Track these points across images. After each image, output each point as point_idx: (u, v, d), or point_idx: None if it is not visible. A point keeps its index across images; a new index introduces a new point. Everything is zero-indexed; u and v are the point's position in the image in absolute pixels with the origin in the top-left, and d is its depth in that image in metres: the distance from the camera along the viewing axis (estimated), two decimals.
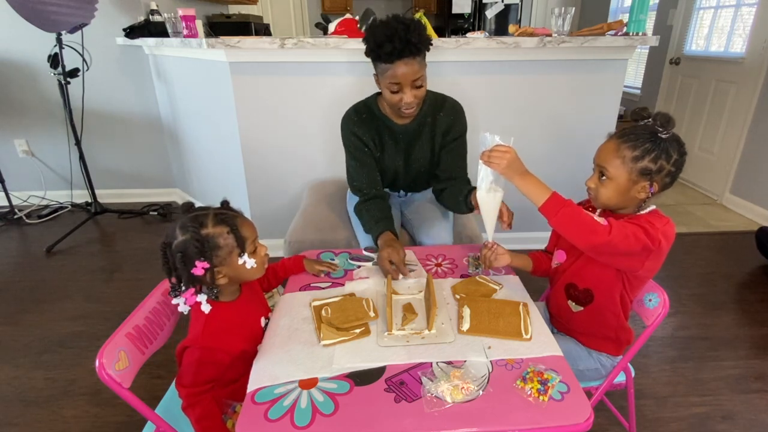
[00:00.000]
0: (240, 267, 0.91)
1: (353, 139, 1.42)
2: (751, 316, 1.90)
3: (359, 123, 1.42)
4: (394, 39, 1.17)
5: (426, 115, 1.42)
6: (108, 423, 1.40)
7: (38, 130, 2.93)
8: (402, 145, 1.45)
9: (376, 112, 1.42)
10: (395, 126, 1.42)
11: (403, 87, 1.24)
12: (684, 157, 0.93)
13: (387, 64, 1.22)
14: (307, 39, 1.85)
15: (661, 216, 0.97)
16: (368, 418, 0.75)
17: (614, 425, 1.36)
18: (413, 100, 1.27)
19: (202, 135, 2.52)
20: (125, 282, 2.17)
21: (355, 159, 1.45)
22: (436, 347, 0.90)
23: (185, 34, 2.15)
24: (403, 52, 1.18)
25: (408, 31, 1.17)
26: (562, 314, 1.13)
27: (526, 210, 2.47)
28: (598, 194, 0.99)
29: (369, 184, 1.44)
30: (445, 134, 1.43)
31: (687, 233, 2.65)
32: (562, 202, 0.93)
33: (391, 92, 1.27)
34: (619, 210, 1.02)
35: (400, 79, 1.22)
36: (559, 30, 1.95)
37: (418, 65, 1.23)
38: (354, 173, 1.47)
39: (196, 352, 0.86)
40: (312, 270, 1.19)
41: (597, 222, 0.90)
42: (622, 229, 0.89)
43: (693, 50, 3.42)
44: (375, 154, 1.46)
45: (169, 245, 0.86)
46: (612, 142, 0.96)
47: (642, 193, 0.95)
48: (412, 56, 1.20)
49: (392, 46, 1.17)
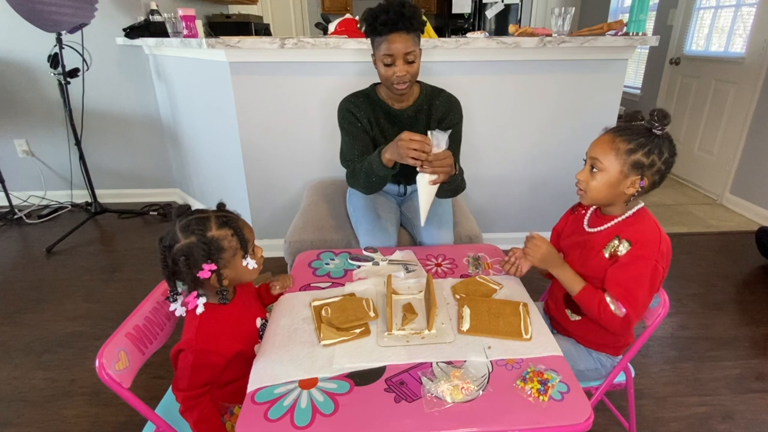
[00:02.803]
0: (241, 268, 0.91)
1: (348, 116, 1.47)
2: (751, 316, 1.90)
3: (356, 104, 1.47)
4: (390, 10, 1.25)
5: (422, 102, 1.48)
6: (108, 423, 1.40)
7: (38, 130, 2.93)
8: (398, 129, 1.45)
9: (374, 97, 1.48)
10: (392, 110, 1.47)
11: (396, 59, 1.30)
12: (674, 158, 0.94)
13: (382, 37, 1.29)
14: (307, 39, 1.85)
15: (652, 226, 0.97)
16: (368, 418, 0.75)
17: (614, 425, 1.36)
18: (405, 73, 1.32)
19: (202, 135, 2.52)
20: (125, 282, 2.17)
21: (350, 134, 1.47)
22: (436, 347, 0.90)
23: (185, 34, 2.15)
24: (397, 23, 1.25)
25: (403, 6, 1.25)
26: (560, 320, 1.14)
27: (527, 210, 2.48)
28: (588, 187, 0.99)
29: (361, 154, 1.45)
30: (440, 121, 1.49)
31: (687, 233, 2.65)
32: (593, 293, 0.98)
33: (384, 65, 1.32)
34: (607, 207, 1.02)
35: (393, 51, 1.28)
36: (559, 30, 1.95)
37: (411, 41, 1.30)
38: (346, 149, 1.50)
39: (190, 355, 0.86)
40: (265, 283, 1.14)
41: (618, 318, 0.94)
42: (638, 307, 0.93)
43: (693, 50, 3.42)
44: (370, 133, 1.49)
45: (169, 248, 0.85)
46: (607, 135, 0.97)
47: (631, 188, 0.95)
48: (406, 31, 1.28)
49: (387, 16, 1.25)
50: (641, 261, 0.93)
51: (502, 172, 2.25)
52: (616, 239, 0.97)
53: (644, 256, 0.93)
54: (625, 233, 0.97)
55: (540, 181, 2.29)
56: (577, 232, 1.09)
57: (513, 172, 2.26)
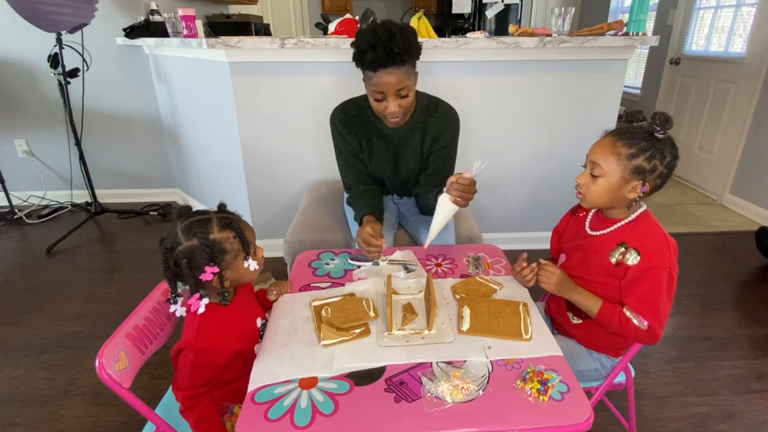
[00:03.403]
0: (243, 270, 0.91)
1: (338, 136, 1.43)
2: (751, 316, 1.90)
3: (346, 121, 1.41)
4: (377, 47, 1.13)
5: (417, 120, 1.39)
6: (108, 423, 1.40)
7: (38, 130, 2.93)
8: (391, 148, 1.44)
9: (366, 111, 1.40)
10: (385, 128, 1.40)
11: (387, 96, 1.22)
12: (676, 161, 0.92)
13: (371, 72, 1.20)
14: (307, 39, 1.85)
15: (658, 232, 0.96)
16: (368, 418, 0.75)
17: (614, 425, 1.36)
18: (398, 109, 1.24)
19: (202, 135, 2.52)
20: (125, 282, 2.17)
21: (343, 159, 1.46)
22: (436, 347, 0.90)
23: (185, 34, 2.15)
24: (386, 61, 1.15)
25: (393, 40, 1.13)
26: (562, 322, 1.13)
27: (527, 210, 2.48)
28: (588, 191, 0.98)
29: (357, 181, 1.46)
30: (435, 140, 1.41)
31: (687, 233, 2.65)
32: (612, 310, 0.97)
33: (375, 100, 1.25)
34: (608, 210, 1.01)
35: (382, 88, 1.20)
36: (559, 30, 1.95)
37: (404, 74, 1.19)
38: (342, 172, 1.50)
39: (190, 354, 0.86)
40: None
41: (642, 331, 0.93)
42: (660, 317, 0.92)
43: (693, 50, 3.42)
44: (360, 155, 1.45)
45: (171, 250, 0.85)
46: (608, 138, 0.95)
47: (632, 193, 0.94)
48: (396, 66, 1.17)
49: (374, 54, 1.14)
50: (655, 271, 0.92)
51: (502, 171, 2.26)
52: (623, 247, 0.96)
53: (657, 265, 0.92)
54: (632, 241, 0.95)
55: (540, 181, 2.29)
56: (579, 235, 1.08)
57: (513, 172, 2.26)
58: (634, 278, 0.94)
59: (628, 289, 0.95)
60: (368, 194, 1.44)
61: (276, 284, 1.12)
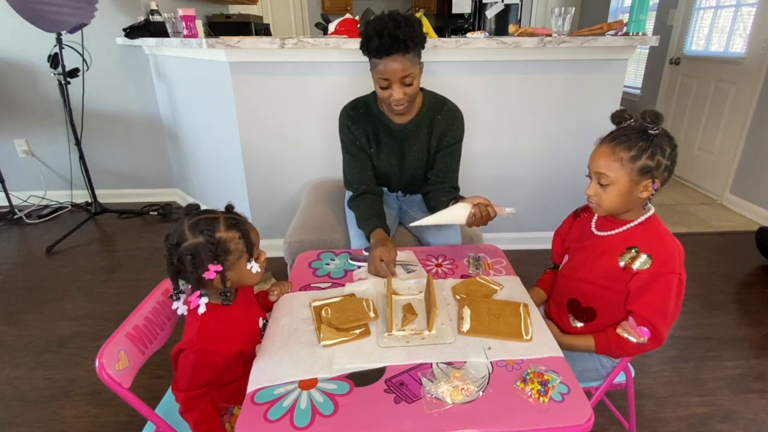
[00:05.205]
0: (245, 272, 0.91)
1: (346, 132, 1.44)
2: (751, 316, 1.90)
3: (355, 118, 1.43)
4: (383, 34, 1.17)
5: (424, 116, 1.41)
6: (108, 423, 1.40)
7: (38, 130, 2.93)
8: (398, 144, 1.45)
9: (374, 109, 1.42)
10: (392, 125, 1.42)
11: (392, 83, 1.24)
12: (676, 150, 0.92)
13: (376, 59, 1.23)
14: (307, 39, 1.85)
15: (668, 237, 0.97)
16: (368, 418, 0.75)
17: (614, 425, 1.36)
18: (402, 96, 1.26)
19: (202, 135, 2.52)
20: (125, 282, 2.17)
21: (348, 153, 1.46)
22: (436, 348, 0.90)
23: (185, 34, 2.15)
24: (391, 48, 1.18)
25: (398, 27, 1.16)
26: (562, 324, 1.13)
27: (527, 210, 2.48)
28: (600, 201, 0.97)
29: (360, 180, 1.46)
30: (441, 138, 1.42)
31: (687, 233, 2.65)
32: (607, 337, 1.00)
33: (380, 87, 1.27)
34: (623, 214, 1.00)
35: (388, 75, 1.23)
36: (559, 30, 1.95)
37: (409, 62, 1.22)
38: (346, 167, 1.49)
39: (191, 355, 0.86)
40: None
41: (644, 344, 0.96)
42: (668, 320, 0.94)
43: (693, 50, 3.42)
44: (368, 151, 1.46)
45: (176, 246, 0.85)
46: (605, 146, 0.94)
47: (645, 192, 0.94)
48: (401, 53, 1.20)
49: (379, 41, 1.17)
50: (666, 277, 0.92)
51: (502, 172, 2.25)
52: (634, 250, 0.96)
53: (668, 271, 0.92)
54: (643, 245, 0.95)
55: (540, 181, 2.29)
56: (585, 236, 1.08)
57: (513, 172, 2.26)
58: (644, 284, 0.94)
59: (637, 294, 0.95)
60: (369, 199, 1.43)
61: (277, 285, 1.12)
